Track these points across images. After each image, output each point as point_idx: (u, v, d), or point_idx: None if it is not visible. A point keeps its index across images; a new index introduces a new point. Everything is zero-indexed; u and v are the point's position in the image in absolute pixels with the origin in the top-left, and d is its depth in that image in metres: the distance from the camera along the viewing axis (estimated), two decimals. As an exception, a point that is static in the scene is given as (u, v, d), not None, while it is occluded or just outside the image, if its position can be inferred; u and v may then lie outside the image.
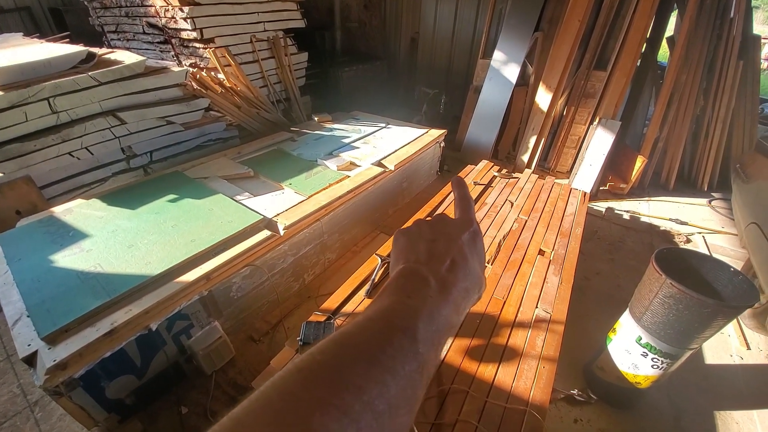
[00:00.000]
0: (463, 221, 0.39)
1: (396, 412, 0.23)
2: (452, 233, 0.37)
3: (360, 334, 0.26)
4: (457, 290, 0.32)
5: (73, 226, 2.05)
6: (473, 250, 0.37)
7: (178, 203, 2.26)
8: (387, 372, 0.24)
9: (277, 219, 2.13)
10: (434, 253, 0.35)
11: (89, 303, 1.52)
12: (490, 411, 1.25)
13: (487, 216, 2.33)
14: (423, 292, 0.31)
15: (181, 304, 1.65)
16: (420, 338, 0.27)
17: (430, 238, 0.36)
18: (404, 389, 0.24)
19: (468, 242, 0.37)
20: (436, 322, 0.29)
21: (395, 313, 0.28)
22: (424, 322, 0.28)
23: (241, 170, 2.70)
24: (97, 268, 1.71)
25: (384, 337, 0.26)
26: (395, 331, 0.26)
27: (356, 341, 0.25)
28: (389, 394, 0.23)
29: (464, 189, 0.43)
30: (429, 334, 0.28)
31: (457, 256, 0.35)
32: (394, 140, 3.27)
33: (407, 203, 3.31)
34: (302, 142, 3.26)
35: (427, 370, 0.27)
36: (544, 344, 1.51)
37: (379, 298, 0.31)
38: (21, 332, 1.47)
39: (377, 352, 0.25)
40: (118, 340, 1.46)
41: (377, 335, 0.26)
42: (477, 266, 0.36)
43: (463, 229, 0.38)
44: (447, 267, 0.34)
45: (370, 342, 0.25)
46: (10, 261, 1.83)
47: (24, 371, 2.01)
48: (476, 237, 0.38)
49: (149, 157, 3.11)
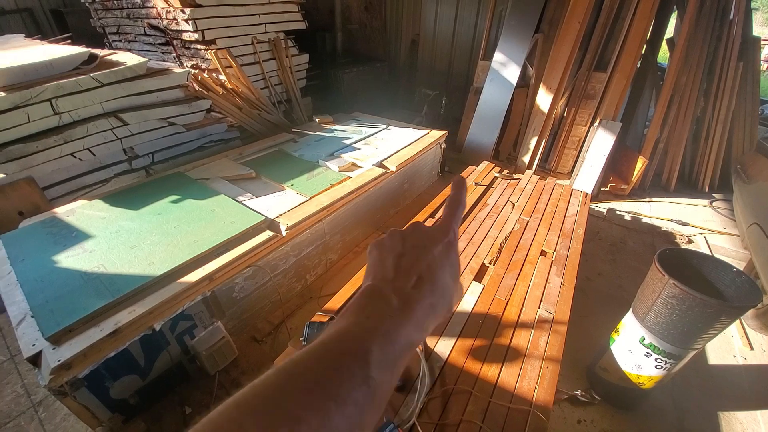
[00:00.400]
0: (439, 230, 0.38)
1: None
2: (424, 245, 0.36)
3: (309, 360, 0.26)
4: (420, 307, 0.32)
5: (76, 227, 2.05)
6: (445, 262, 0.35)
7: (181, 204, 2.27)
8: (330, 399, 0.23)
9: (279, 220, 2.14)
10: (401, 269, 0.34)
11: (93, 303, 1.52)
12: (494, 411, 1.25)
13: (488, 217, 2.34)
14: (382, 311, 0.30)
15: (185, 305, 1.66)
16: (373, 361, 0.26)
17: (400, 252, 0.35)
18: (350, 417, 0.23)
19: (440, 254, 0.36)
20: (393, 342, 0.28)
21: (348, 336, 0.28)
22: (379, 344, 0.28)
23: (243, 171, 2.71)
24: (101, 269, 1.72)
25: (332, 362, 0.25)
26: (345, 356, 0.26)
27: (303, 368, 0.25)
28: (332, 422, 0.22)
29: (459, 193, 0.41)
30: (384, 356, 0.27)
31: (425, 271, 0.34)
32: (395, 141, 3.28)
33: (408, 204, 3.32)
34: (303, 143, 3.27)
35: (380, 394, 0.26)
36: (547, 345, 1.51)
37: (339, 318, 0.31)
38: (25, 332, 1.47)
39: (322, 379, 0.24)
40: (122, 341, 1.46)
41: (325, 361, 0.26)
42: (448, 279, 0.35)
43: (436, 240, 0.36)
44: (413, 284, 0.33)
45: (316, 369, 0.25)
46: (13, 261, 1.83)
47: (28, 371, 2.01)
48: (450, 248, 0.37)
49: (151, 158, 3.11)
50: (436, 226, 0.39)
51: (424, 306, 0.32)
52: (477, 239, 2.10)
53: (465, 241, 2.08)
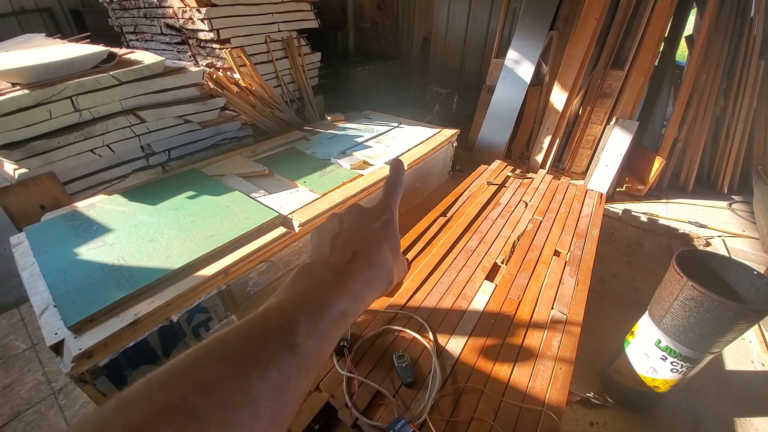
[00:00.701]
0: (376, 209, 0.40)
1: (259, 404, 0.23)
2: (360, 224, 0.38)
3: (231, 333, 0.26)
4: (356, 280, 0.33)
5: (96, 221, 2.11)
6: (382, 237, 0.37)
7: (196, 200, 2.31)
8: (251, 365, 0.23)
9: (293, 216, 2.16)
10: (336, 247, 0.36)
11: (113, 294, 1.57)
12: (506, 410, 1.25)
13: (501, 216, 2.32)
14: (314, 286, 0.32)
15: (201, 298, 1.69)
16: (299, 330, 0.27)
17: (336, 232, 0.37)
18: (274, 380, 0.24)
19: (378, 230, 0.37)
20: (324, 313, 0.29)
21: (275, 309, 0.29)
22: (307, 314, 0.28)
23: (257, 168, 2.74)
24: (121, 261, 1.76)
25: (254, 332, 0.26)
26: (270, 326, 0.27)
27: (222, 341, 0.25)
28: (253, 387, 0.23)
29: (396, 172, 0.43)
30: (313, 326, 0.28)
31: (361, 246, 0.36)
32: (406, 140, 3.28)
33: (419, 203, 3.32)
34: (316, 141, 3.29)
35: (309, 361, 0.27)
36: (560, 345, 1.50)
37: (272, 297, 0.32)
38: (48, 321, 1.52)
39: (243, 347, 0.25)
40: (140, 331, 1.50)
41: (248, 331, 0.26)
42: (387, 254, 0.36)
43: (374, 218, 0.38)
44: (348, 259, 0.34)
45: (237, 339, 0.25)
46: (36, 253, 1.89)
47: (48, 359, 2.08)
48: (388, 225, 0.38)
49: (167, 155, 3.18)
50: (373, 206, 0.40)
51: (360, 279, 0.33)
52: (489, 238, 2.09)
53: (477, 240, 2.07)
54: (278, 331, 0.27)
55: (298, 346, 0.26)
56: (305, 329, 0.27)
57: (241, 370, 0.23)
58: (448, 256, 1.94)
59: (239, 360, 0.24)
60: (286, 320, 0.28)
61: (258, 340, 0.25)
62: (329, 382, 1.36)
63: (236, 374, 0.23)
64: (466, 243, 2.04)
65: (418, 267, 1.89)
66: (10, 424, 1.78)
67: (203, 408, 0.21)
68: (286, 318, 0.28)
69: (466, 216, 2.28)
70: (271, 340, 0.26)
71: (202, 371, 0.23)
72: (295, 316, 0.28)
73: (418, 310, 1.64)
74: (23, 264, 1.87)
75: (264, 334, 0.26)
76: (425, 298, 1.70)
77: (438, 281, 1.79)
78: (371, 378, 1.34)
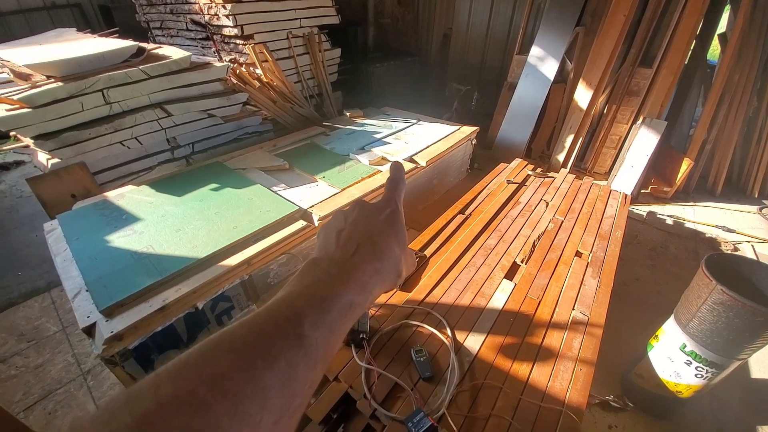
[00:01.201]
0: (381, 203, 0.40)
1: (267, 395, 0.23)
2: (364, 218, 0.38)
3: (239, 327, 0.26)
4: (362, 272, 0.33)
5: (125, 210, 2.19)
6: (388, 230, 0.38)
7: (220, 192, 2.37)
8: (258, 357, 0.24)
9: (312, 210, 2.19)
10: (340, 242, 0.36)
11: (143, 281, 1.63)
12: (525, 409, 1.25)
13: (521, 215, 2.30)
14: (319, 279, 0.32)
15: (225, 287, 1.74)
16: (306, 322, 0.27)
17: (341, 228, 0.38)
18: (282, 372, 0.24)
19: (383, 223, 0.38)
20: (330, 305, 0.29)
21: (283, 303, 0.29)
22: (314, 306, 0.29)
23: (277, 162, 2.79)
24: (149, 249, 1.83)
25: (262, 325, 0.26)
26: (277, 319, 0.27)
27: (231, 335, 0.25)
28: (260, 378, 0.23)
29: (396, 172, 0.44)
30: (320, 317, 0.28)
31: (365, 239, 0.36)
32: (425, 136, 3.27)
33: (437, 200, 3.31)
34: (335, 136, 3.32)
35: (316, 352, 0.27)
36: (582, 347, 1.48)
37: (279, 291, 0.32)
38: (81, 305, 1.59)
39: (251, 340, 0.25)
40: (168, 316, 1.56)
41: (256, 325, 0.26)
42: (393, 245, 0.37)
43: (379, 212, 0.39)
44: (352, 252, 0.35)
45: (245, 333, 0.25)
46: (69, 240, 1.98)
47: (78, 342, 2.17)
48: (393, 218, 0.39)
49: (191, 148, 3.26)
50: (377, 201, 0.41)
51: (366, 270, 0.34)
52: (508, 237, 2.08)
53: (496, 239, 2.06)
54: (285, 323, 0.27)
55: (306, 338, 0.26)
56: (312, 321, 0.27)
57: (248, 361, 0.23)
58: (467, 254, 1.94)
59: (247, 352, 0.24)
60: (293, 312, 0.28)
61: (266, 333, 0.26)
62: (348, 373, 1.38)
63: (244, 366, 0.23)
64: (485, 241, 2.03)
65: (436, 263, 1.89)
66: (40, 403, 1.87)
67: (212, 399, 0.21)
68: (294, 310, 0.28)
69: (485, 214, 2.26)
70: (278, 332, 0.26)
71: (210, 364, 0.23)
72: (302, 308, 0.28)
73: (435, 306, 1.64)
74: (56, 249, 1.96)
75: (271, 327, 0.26)
76: (443, 294, 1.70)
77: (456, 278, 1.79)
78: (389, 371, 1.36)
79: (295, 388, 0.25)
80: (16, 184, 3.84)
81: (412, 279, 1.81)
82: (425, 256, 1.94)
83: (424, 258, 1.93)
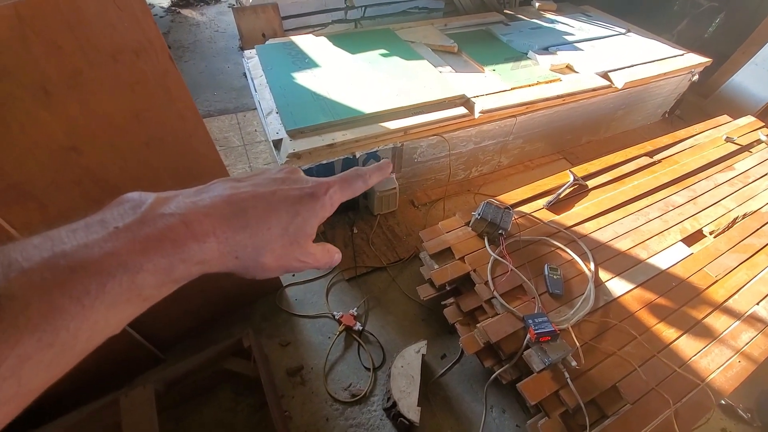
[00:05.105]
0: (308, 182, 0.30)
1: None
2: (269, 182, 0.29)
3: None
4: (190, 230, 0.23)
5: (307, 55, 2.37)
6: (283, 207, 0.27)
7: (388, 59, 2.36)
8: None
9: (476, 101, 2.06)
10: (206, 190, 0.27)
11: (319, 117, 1.83)
12: (656, 365, 1.16)
13: (729, 183, 1.80)
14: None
15: (379, 147, 1.86)
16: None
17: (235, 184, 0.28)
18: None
19: (284, 198, 0.28)
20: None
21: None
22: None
23: (447, 43, 2.59)
24: (326, 93, 2.00)
25: None
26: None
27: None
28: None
29: (378, 169, 0.35)
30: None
31: (237, 199, 0.26)
32: (630, 53, 2.60)
33: (608, 137, 2.79)
34: (515, 28, 2.88)
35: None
36: (751, 342, 1.24)
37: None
38: (272, 122, 1.89)
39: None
40: (333, 154, 1.76)
41: None
42: (273, 226, 0.27)
43: (294, 184, 0.29)
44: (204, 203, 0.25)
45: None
46: (264, 67, 2.27)
47: (254, 158, 2.68)
48: (306, 201, 0.28)
49: (362, 12, 3.24)
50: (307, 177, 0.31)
51: (200, 230, 0.23)
52: (703, 201, 1.68)
53: (685, 198, 1.69)
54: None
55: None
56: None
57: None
58: (640, 201, 1.66)
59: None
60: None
61: None
62: (474, 259, 1.43)
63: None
64: (668, 195, 1.69)
65: (597, 198, 1.67)
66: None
67: None
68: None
69: (680, 167, 1.83)
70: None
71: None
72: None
73: (583, 238, 1.51)
74: (254, 74, 2.28)
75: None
76: (597, 230, 1.54)
77: (617, 221, 1.57)
78: (514, 274, 1.36)
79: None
80: (214, 18, 4.44)
81: (564, 203, 1.66)
82: (587, 185, 1.73)
83: (585, 187, 1.72)
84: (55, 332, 0.16)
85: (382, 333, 1.67)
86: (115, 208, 0.21)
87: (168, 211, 0.22)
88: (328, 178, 0.31)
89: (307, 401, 1.48)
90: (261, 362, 1.29)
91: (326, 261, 0.32)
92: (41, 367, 0.16)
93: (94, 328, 0.18)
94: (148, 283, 0.20)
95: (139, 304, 0.20)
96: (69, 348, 0.17)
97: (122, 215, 0.21)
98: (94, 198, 0.94)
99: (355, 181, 0.33)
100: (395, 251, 1.96)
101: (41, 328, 0.16)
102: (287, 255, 0.27)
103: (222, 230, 0.23)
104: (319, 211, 0.29)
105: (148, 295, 0.20)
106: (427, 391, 1.48)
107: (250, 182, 0.27)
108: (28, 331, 0.15)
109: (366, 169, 0.34)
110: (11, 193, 0.83)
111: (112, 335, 0.19)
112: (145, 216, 0.21)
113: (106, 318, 0.18)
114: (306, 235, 0.28)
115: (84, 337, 0.17)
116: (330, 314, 1.69)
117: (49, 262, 0.17)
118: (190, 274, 0.22)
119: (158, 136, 0.96)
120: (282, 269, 0.28)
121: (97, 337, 0.18)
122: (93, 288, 0.17)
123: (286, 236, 0.27)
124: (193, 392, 1.38)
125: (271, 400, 1.21)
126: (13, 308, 0.15)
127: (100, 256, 0.18)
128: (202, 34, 4.16)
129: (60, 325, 0.16)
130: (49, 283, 0.16)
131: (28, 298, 0.16)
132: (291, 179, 0.29)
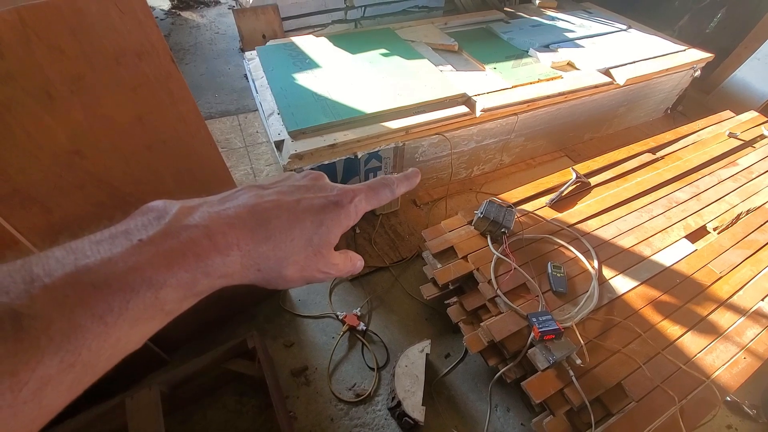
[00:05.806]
0: (334, 186, 0.30)
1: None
2: (294, 190, 0.28)
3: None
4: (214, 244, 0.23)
5: (308, 55, 2.37)
6: (307, 217, 0.27)
7: (389, 59, 2.36)
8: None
9: (477, 99, 2.05)
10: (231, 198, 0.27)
11: (320, 118, 1.83)
12: (660, 362, 1.15)
13: (732, 179, 1.79)
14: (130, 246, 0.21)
15: (381, 146, 1.86)
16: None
17: (259, 192, 0.28)
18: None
19: (308, 208, 0.27)
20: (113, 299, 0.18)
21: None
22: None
23: (447, 42, 2.59)
24: (327, 94, 2.00)
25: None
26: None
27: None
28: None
29: (407, 178, 0.34)
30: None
31: (261, 209, 0.26)
32: (631, 50, 2.59)
33: (610, 135, 2.78)
34: (515, 25, 2.87)
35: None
36: (756, 339, 1.24)
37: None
38: (273, 123, 1.89)
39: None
40: (334, 155, 1.77)
41: None
42: (297, 237, 0.26)
43: (318, 192, 0.28)
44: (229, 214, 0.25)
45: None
46: (265, 69, 2.27)
47: (256, 159, 2.69)
48: (330, 210, 0.27)
49: (362, 12, 3.24)
50: (334, 184, 0.30)
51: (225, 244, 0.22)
52: (706, 198, 1.67)
53: (688, 194, 1.68)
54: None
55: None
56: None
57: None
58: (643, 198, 1.65)
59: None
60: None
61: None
62: (477, 258, 1.43)
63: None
64: (672, 191, 1.68)
65: (600, 195, 1.67)
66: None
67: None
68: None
69: (683, 163, 1.83)
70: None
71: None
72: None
73: (586, 235, 1.50)
74: (255, 75, 2.28)
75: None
76: (600, 227, 1.53)
77: (620, 218, 1.57)
78: (518, 273, 1.36)
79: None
80: (214, 20, 4.45)
81: (567, 200, 1.66)
82: (589, 183, 1.72)
83: (588, 185, 1.72)
84: (77, 352, 0.16)
85: (385, 332, 1.68)
86: (139, 218, 0.21)
87: (192, 222, 0.21)
88: (354, 186, 0.30)
89: (311, 401, 1.48)
90: (265, 363, 1.29)
91: (349, 269, 0.31)
92: (62, 388, 0.16)
93: (116, 346, 0.18)
94: (171, 297, 0.19)
95: (162, 319, 0.20)
96: (90, 367, 0.17)
97: (146, 226, 0.21)
98: (97, 201, 0.94)
99: (382, 190, 0.31)
100: (398, 251, 1.96)
101: (63, 348, 0.15)
102: (310, 266, 0.27)
103: (245, 242, 0.23)
104: (344, 220, 0.28)
105: (170, 309, 0.20)
106: (432, 390, 1.48)
107: (274, 189, 0.27)
108: (50, 352, 0.15)
109: (394, 178, 0.33)
110: (15, 198, 0.83)
111: (133, 351, 0.19)
112: (169, 227, 0.21)
113: (128, 335, 0.18)
114: (329, 245, 0.28)
115: (106, 355, 0.17)
116: (333, 314, 1.70)
117: (72, 278, 0.17)
118: (212, 287, 0.22)
119: (161, 139, 0.97)
120: (304, 281, 0.27)
121: (119, 354, 0.18)
122: (116, 305, 0.17)
123: (309, 247, 0.26)
124: (198, 394, 1.39)
125: (275, 401, 1.21)
126: (35, 328, 0.15)
127: (123, 272, 0.18)
128: (203, 36, 4.16)
129: (82, 345, 0.16)
130: (71, 301, 0.16)
131: (50, 317, 0.15)
132: (316, 186, 0.29)
